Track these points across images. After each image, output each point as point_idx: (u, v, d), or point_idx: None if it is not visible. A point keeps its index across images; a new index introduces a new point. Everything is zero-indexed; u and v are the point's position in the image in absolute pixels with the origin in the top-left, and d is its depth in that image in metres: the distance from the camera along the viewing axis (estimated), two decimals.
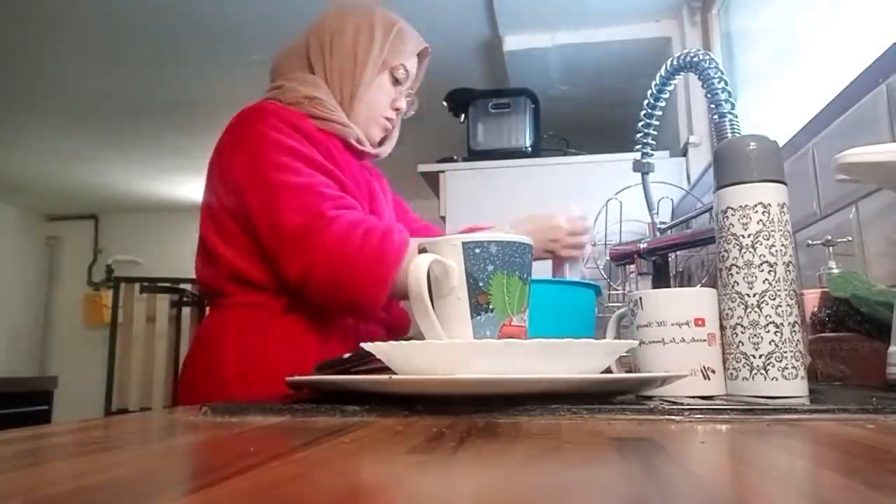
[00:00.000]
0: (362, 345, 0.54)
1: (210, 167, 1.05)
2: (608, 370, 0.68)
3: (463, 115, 2.38)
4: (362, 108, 1.11)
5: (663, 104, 1.10)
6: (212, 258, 1.03)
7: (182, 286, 3.86)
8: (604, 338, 0.69)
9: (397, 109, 1.16)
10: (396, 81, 1.14)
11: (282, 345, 0.97)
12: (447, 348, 0.51)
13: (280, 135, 0.97)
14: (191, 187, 4.50)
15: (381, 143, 1.19)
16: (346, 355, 0.63)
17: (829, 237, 0.91)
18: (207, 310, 1.15)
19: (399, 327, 1.13)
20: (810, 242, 0.96)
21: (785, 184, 0.56)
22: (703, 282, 1.39)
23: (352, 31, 1.10)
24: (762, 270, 0.54)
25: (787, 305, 0.54)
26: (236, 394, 0.92)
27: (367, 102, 1.11)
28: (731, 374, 0.55)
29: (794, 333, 0.54)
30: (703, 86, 0.92)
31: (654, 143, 1.14)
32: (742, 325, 0.54)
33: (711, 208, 0.91)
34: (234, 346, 0.98)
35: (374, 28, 1.10)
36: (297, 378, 0.58)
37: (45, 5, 2.34)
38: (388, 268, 0.89)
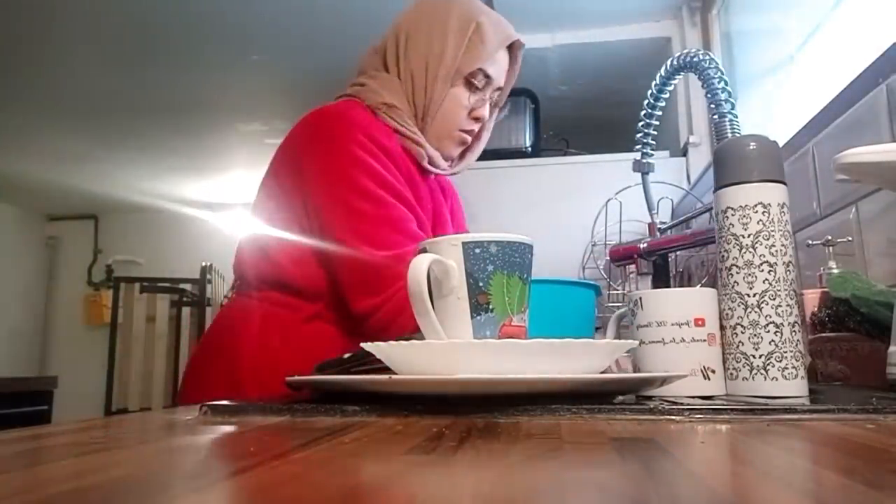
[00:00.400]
0: (362, 345, 0.54)
1: (282, 160, 0.99)
2: (608, 370, 0.68)
3: None
4: (436, 120, 1.01)
5: (663, 104, 1.10)
6: (264, 252, 0.98)
7: (182, 286, 3.86)
8: (604, 338, 0.69)
9: (477, 118, 1.04)
10: (475, 88, 1.01)
11: (303, 349, 0.93)
12: (447, 348, 0.51)
13: (366, 154, 0.91)
14: (191, 187, 4.50)
15: (461, 158, 1.10)
16: (346, 355, 0.63)
17: (829, 237, 0.91)
18: (231, 297, 1.08)
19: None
20: (810, 242, 0.96)
21: (785, 184, 0.56)
22: (703, 282, 1.39)
23: (425, 33, 0.99)
24: (762, 270, 0.54)
25: (787, 305, 0.54)
26: (247, 389, 0.89)
27: (441, 118, 1.01)
28: (731, 374, 0.55)
29: (794, 333, 0.54)
30: (703, 86, 0.92)
31: (654, 143, 1.14)
32: (742, 325, 0.54)
33: (711, 208, 0.91)
34: (255, 339, 0.95)
35: (446, 30, 0.98)
36: (297, 378, 0.58)
37: (45, 5, 2.34)
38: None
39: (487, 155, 2.27)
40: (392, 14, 1.09)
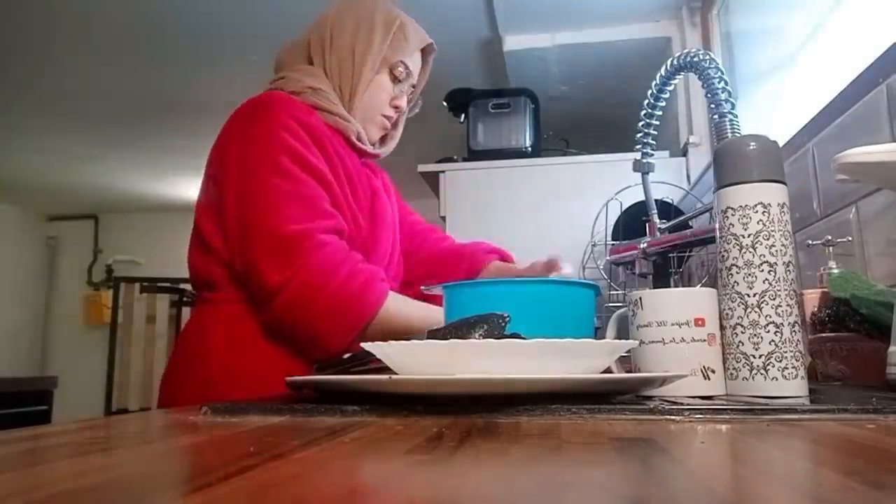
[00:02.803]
0: (362, 345, 0.54)
1: (211, 156, 1.03)
2: (608, 370, 0.68)
3: (463, 115, 2.38)
4: (361, 106, 1.08)
5: (663, 104, 1.10)
6: (207, 249, 1.00)
7: (182, 286, 3.86)
8: (604, 338, 0.69)
9: (397, 107, 1.13)
10: (396, 79, 1.11)
11: (273, 343, 0.95)
12: (447, 348, 0.51)
13: (286, 133, 0.95)
14: (191, 187, 4.49)
15: (381, 143, 1.17)
16: (346, 355, 0.63)
17: (829, 237, 0.91)
18: (193, 306, 1.12)
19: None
20: (810, 242, 0.96)
21: (785, 184, 0.56)
22: (703, 282, 1.39)
23: (351, 26, 1.08)
24: (762, 270, 0.54)
25: (787, 305, 0.54)
26: (223, 392, 0.89)
27: (366, 101, 1.08)
28: (731, 374, 0.55)
29: (794, 333, 0.54)
30: (703, 86, 0.92)
31: (654, 143, 1.14)
32: (742, 325, 0.54)
33: (711, 208, 0.91)
34: (223, 342, 0.96)
35: (374, 24, 1.08)
36: (297, 378, 0.58)
37: (45, 6, 2.34)
38: (359, 318, 0.88)
39: (487, 155, 2.28)
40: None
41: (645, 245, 1.11)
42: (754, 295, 0.54)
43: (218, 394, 0.90)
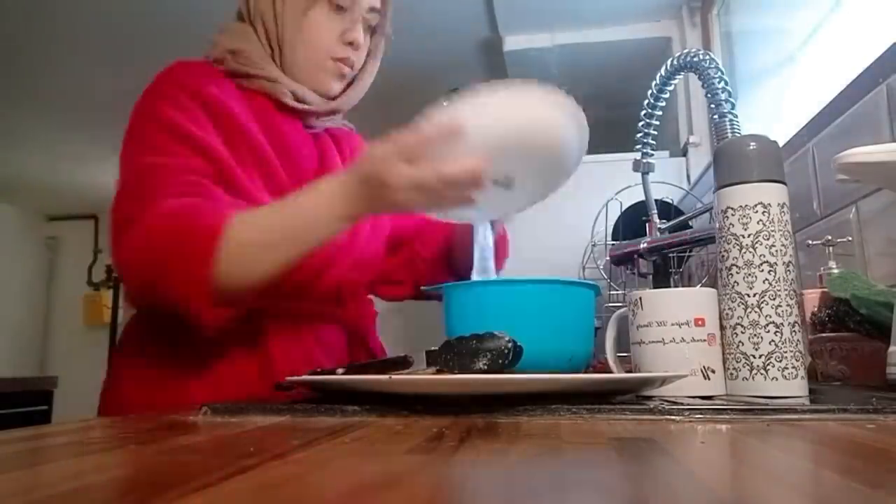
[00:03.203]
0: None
1: None
2: (608, 370, 0.68)
3: None
4: (299, 53, 0.89)
5: (663, 104, 1.10)
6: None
7: None
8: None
9: (351, 43, 0.90)
10: (339, 8, 0.89)
11: (233, 347, 0.82)
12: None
13: (166, 104, 0.81)
14: None
15: (341, 93, 0.95)
16: (339, 370, 0.62)
17: (829, 237, 0.91)
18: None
19: (361, 331, 0.96)
20: (810, 242, 0.96)
21: (785, 184, 0.56)
22: (703, 282, 1.39)
23: None
24: (762, 270, 0.54)
25: (787, 305, 0.54)
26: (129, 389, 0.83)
27: (304, 47, 0.89)
28: (731, 374, 0.55)
29: (794, 333, 0.54)
30: (703, 86, 0.92)
31: (654, 143, 1.14)
32: (742, 325, 0.54)
33: (711, 208, 0.91)
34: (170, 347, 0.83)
35: None
36: (297, 378, 0.58)
37: (45, 5, 2.34)
38: (197, 257, 0.68)
39: None
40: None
41: (645, 245, 1.11)
42: (754, 295, 0.54)
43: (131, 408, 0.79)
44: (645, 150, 1.14)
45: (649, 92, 1.09)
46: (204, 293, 0.69)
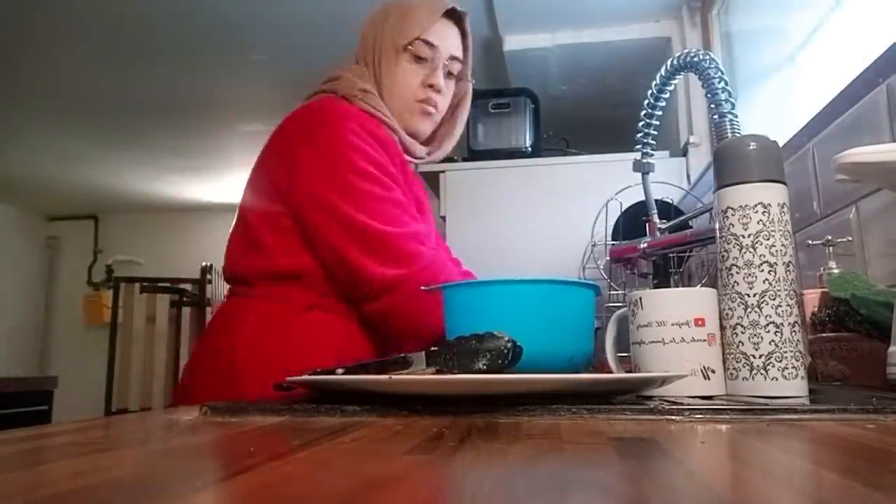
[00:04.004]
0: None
1: (271, 159, 1.01)
2: (608, 370, 0.68)
3: None
4: (393, 100, 1.05)
5: (663, 104, 1.10)
6: (254, 246, 1.00)
7: (182, 286, 3.86)
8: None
9: (431, 86, 1.06)
10: (420, 59, 1.05)
11: (300, 342, 0.94)
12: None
13: (361, 141, 0.94)
14: (190, 187, 4.49)
15: (436, 141, 1.12)
16: (339, 370, 0.63)
17: (829, 237, 0.90)
18: (225, 297, 1.09)
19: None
20: (810, 242, 0.96)
21: (785, 184, 0.56)
22: (703, 282, 1.39)
23: (375, 18, 1.07)
24: (762, 270, 0.54)
25: (787, 305, 0.54)
26: (247, 391, 0.88)
27: (397, 92, 1.05)
28: (731, 374, 0.55)
29: (794, 333, 0.54)
30: (703, 86, 0.92)
31: (654, 143, 1.14)
32: (742, 325, 0.54)
33: (711, 208, 0.91)
34: (251, 337, 0.96)
35: (388, 9, 1.05)
36: (297, 378, 0.58)
37: (45, 5, 2.34)
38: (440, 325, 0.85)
39: (488, 155, 2.28)
40: None
41: (645, 245, 1.11)
42: (754, 295, 0.54)
43: (241, 386, 0.90)
44: (645, 150, 1.14)
45: (649, 92, 1.09)
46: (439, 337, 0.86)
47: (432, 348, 0.59)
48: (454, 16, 1.10)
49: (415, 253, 0.90)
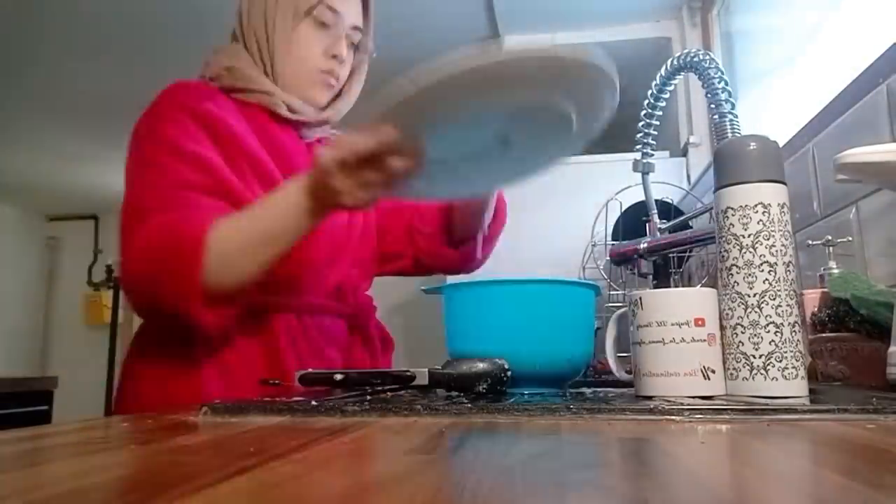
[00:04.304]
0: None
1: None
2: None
3: None
4: (288, 67, 0.96)
5: (664, 104, 1.10)
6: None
7: None
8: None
9: (335, 56, 0.97)
10: (323, 24, 0.96)
11: (242, 339, 0.87)
12: None
13: (163, 123, 0.88)
14: None
15: (330, 105, 1.03)
16: (338, 376, 0.63)
17: (829, 237, 0.91)
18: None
19: (361, 319, 1.02)
20: (810, 242, 0.96)
21: (785, 184, 0.56)
22: (703, 282, 1.39)
23: None
24: (762, 270, 0.54)
25: (788, 305, 0.54)
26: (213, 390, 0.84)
27: (293, 61, 0.96)
28: (731, 374, 0.55)
29: (794, 333, 0.54)
30: (703, 86, 0.92)
31: (654, 143, 1.14)
32: (742, 325, 0.54)
33: (711, 208, 0.91)
34: (133, 355, 0.90)
35: None
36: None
37: (45, 5, 2.34)
38: (183, 263, 0.75)
39: None
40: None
41: (645, 245, 1.11)
42: (754, 295, 0.54)
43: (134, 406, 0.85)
44: (645, 151, 1.14)
45: (649, 92, 1.09)
46: (196, 298, 0.75)
47: (435, 367, 0.62)
48: None
49: (132, 236, 0.79)
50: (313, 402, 0.52)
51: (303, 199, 0.75)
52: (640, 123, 1.12)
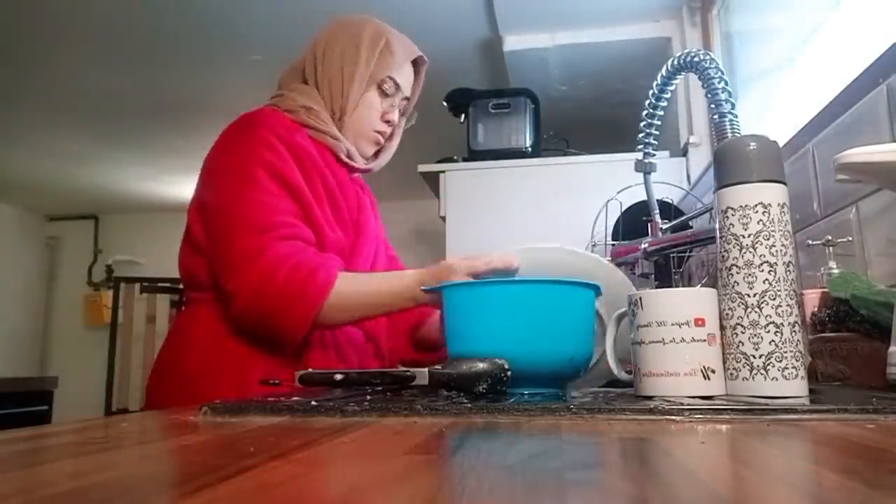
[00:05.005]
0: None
1: (203, 164, 1.07)
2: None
3: (463, 115, 2.38)
4: (352, 124, 1.13)
5: (665, 104, 1.10)
6: (196, 249, 1.05)
7: (182, 286, 3.86)
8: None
9: (388, 122, 1.16)
10: (385, 95, 1.14)
11: (253, 344, 0.98)
12: None
13: (266, 151, 1.00)
14: (190, 187, 4.46)
15: (375, 156, 1.21)
16: (337, 376, 0.64)
17: (829, 237, 0.90)
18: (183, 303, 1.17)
19: (376, 332, 1.15)
20: (810, 242, 0.96)
21: (785, 184, 0.56)
22: (703, 282, 1.39)
23: (339, 48, 1.12)
24: (762, 270, 0.54)
25: (788, 305, 0.54)
26: (200, 392, 0.89)
27: (356, 119, 1.13)
28: (731, 374, 0.55)
29: (794, 333, 0.53)
30: (703, 86, 0.92)
31: (656, 143, 1.14)
32: (742, 325, 0.54)
33: (711, 208, 0.91)
34: (201, 339, 1.00)
35: (360, 44, 1.12)
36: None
37: (45, 5, 2.34)
38: (308, 307, 0.91)
39: (488, 155, 2.28)
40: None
41: (646, 245, 1.11)
42: (754, 295, 0.54)
43: (194, 390, 0.93)
44: (647, 151, 1.14)
45: (650, 92, 1.09)
46: (304, 333, 0.93)
47: (436, 367, 0.62)
48: (418, 63, 1.21)
49: (252, 259, 0.92)
50: (313, 402, 0.52)
51: (414, 285, 0.91)
52: (642, 123, 1.12)
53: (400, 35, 1.17)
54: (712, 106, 0.90)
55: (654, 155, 1.15)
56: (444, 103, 2.41)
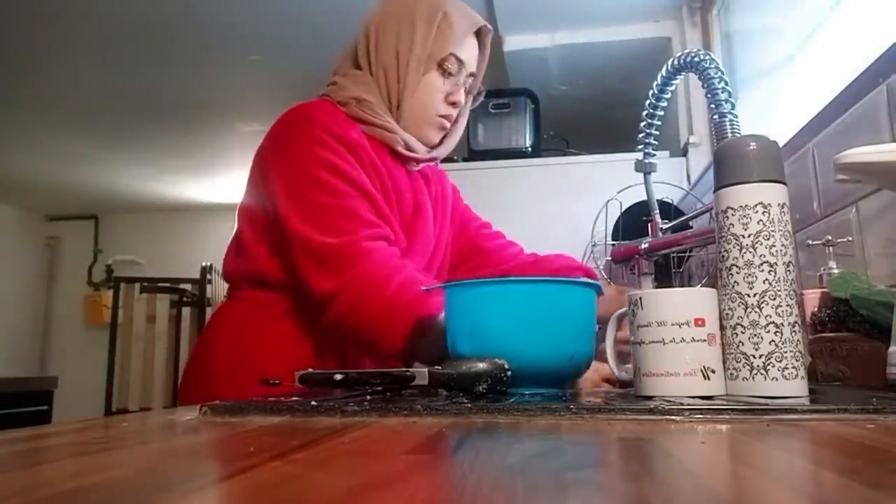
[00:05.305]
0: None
1: (254, 162, 1.02)
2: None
3: None
4: (412, 110, 1.02)
5: (665, 104, 1.10)
6: (241, 251, 1.02)
7: (182, 286, 3.86)
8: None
9: (454, 104, 1.05)
10: (448, 74, 1.03)
11: (276, 346, 0.96)
12: None
13: (324, 150, 0.93)
14: (191, 187, 4.49)
15: (440, 143, 1.10)
16: (337, 376, 0.64)
17: (829, 237, 0.90)
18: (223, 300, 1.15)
19: None
20: (810, 242, 0.96)
21: (785, 184, 0.56)
22: (703, 282, 1.39)
23: (393, 27, 1.02)
24: (762, 270, 0.54)
25: (788, 305, 0.54)
26: (224, 391, 0.90)
27: (417, 103, 1.02)
28: (731, 374, 0.55)
29: (794, 333, 0.53)
30: (703, 86, 0.92)
31: (656, 143, 1.14)
32: (742, 325, 0.54)
33: (711, 208, 0.91)
34: (229, 341, 0.99)
35: (415, 21, 1.01)
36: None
37: (45, 5, 2.34)
38: (416, 331, 0.84)
39: (488, 155, 2.28)
40: None
41: (646, 245, 1.11)
42: (754, 295, 0.54)
43: (219, 388, 0.93)
44: (647, 151, 1.14)
45: (650, 92, 1.09)
46: (403, 353, 0.87)
47: (436, 367, 0.62)
48: (482, 33, 1.09)
49: (345, 262, 0.88)
50: (313, 402, 0.52)
51: None
52: (642, 124, 1.12)
53: (460, 4, 1.05)
54: (712, 106, 0.90)
55: (654, 155, 1.15)
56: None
